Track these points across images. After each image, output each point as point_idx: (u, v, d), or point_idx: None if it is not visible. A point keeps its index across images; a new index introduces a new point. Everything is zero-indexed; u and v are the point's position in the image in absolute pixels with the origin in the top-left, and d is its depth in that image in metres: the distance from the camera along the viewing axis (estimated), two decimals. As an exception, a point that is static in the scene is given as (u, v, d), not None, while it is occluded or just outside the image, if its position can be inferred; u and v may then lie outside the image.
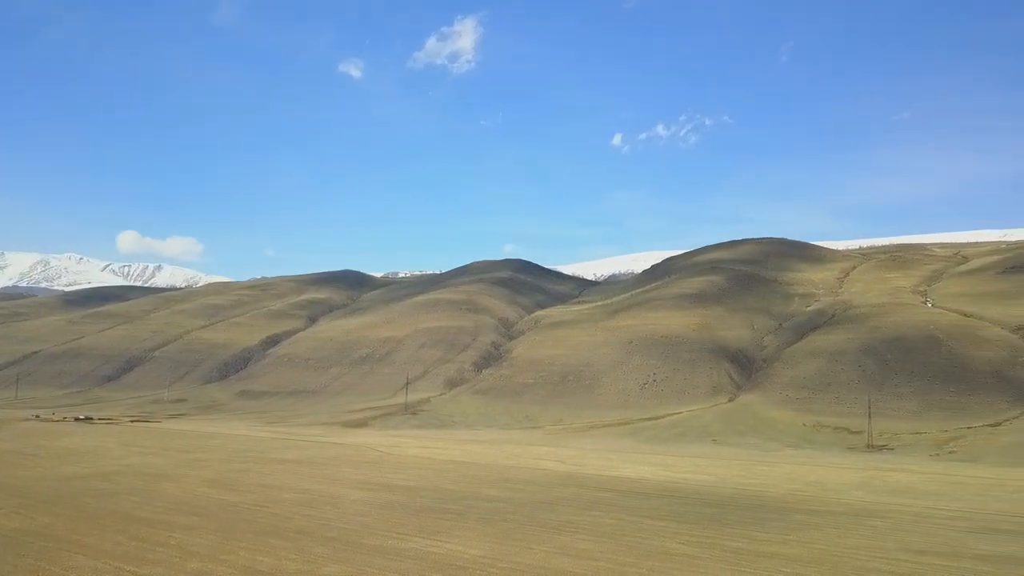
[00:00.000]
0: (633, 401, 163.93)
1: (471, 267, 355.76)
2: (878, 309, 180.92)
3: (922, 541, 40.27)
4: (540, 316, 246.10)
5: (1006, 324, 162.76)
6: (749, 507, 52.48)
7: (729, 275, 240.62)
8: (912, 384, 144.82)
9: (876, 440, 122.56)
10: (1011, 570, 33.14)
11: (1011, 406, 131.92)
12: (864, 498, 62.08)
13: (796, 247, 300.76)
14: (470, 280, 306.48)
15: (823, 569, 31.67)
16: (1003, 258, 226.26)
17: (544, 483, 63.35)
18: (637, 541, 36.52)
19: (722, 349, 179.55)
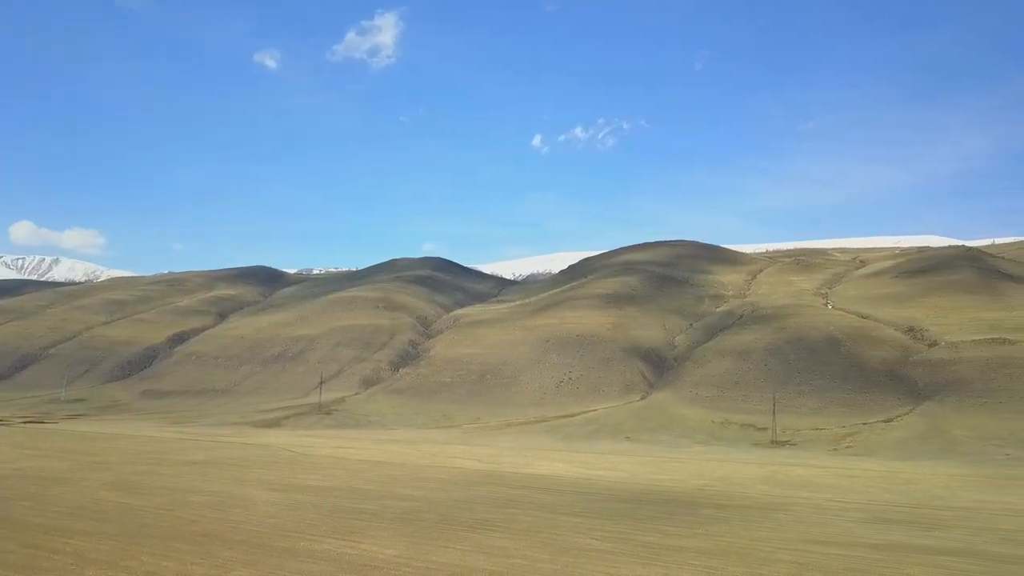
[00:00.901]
0: (549, 399, 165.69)
1: (389, 265, 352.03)
2: (783, 311, 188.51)
3: (821, 532, 42.19)
4: (459, 315, 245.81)
5: (899, 326, 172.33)
6: (661, 502, 53.84)
7: (643, 276, 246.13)
8: (813, 383, 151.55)
9: (780, 436, 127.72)
10: (900, 556, 35.10)
11: (902, 403, 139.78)
12: (768, 492, 64.62)
13: (707, 250, 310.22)
14: (388, 278, 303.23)
15: (730, 560, 32.77)
16: (897, 263, 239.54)
17: (460, 482, 63.31)
18: (552, 538, 36.93)
19: (636, 348, 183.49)
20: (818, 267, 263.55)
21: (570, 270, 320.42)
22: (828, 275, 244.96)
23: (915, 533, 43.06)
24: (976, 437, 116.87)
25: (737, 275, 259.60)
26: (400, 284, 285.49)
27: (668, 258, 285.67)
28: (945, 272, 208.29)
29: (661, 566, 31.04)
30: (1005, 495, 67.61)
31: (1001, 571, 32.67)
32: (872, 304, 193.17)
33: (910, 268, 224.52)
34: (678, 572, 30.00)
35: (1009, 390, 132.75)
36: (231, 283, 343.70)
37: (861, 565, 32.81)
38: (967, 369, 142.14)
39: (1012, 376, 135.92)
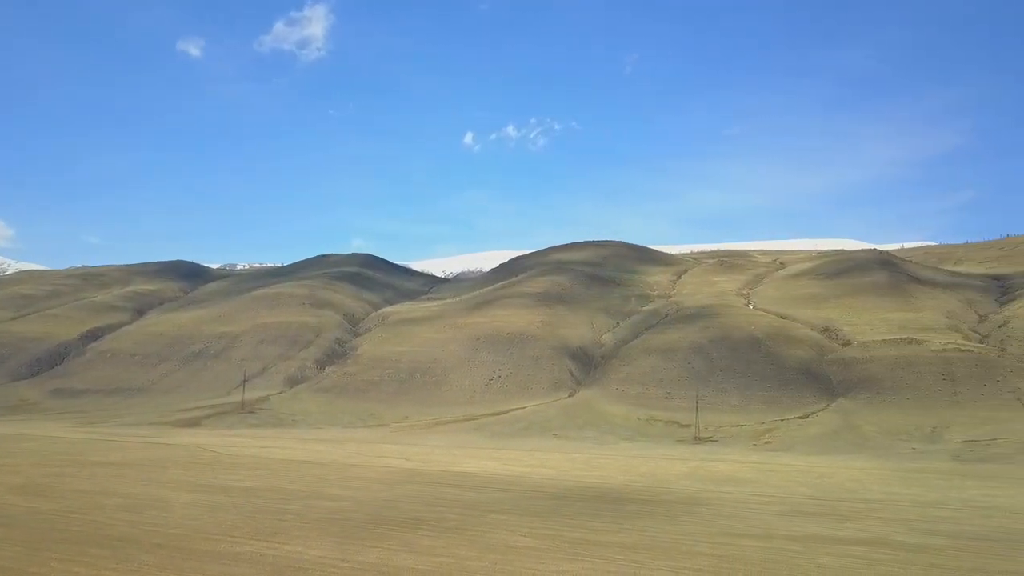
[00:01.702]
0: (479, 397, 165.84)
1: (317, 261, 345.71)
2: (706, 310, 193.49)
3: (740, 525, 43.50)
4: (388, 312, 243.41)
5: (815, 325, 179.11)
6: (588, 498, 54.55)
7: (573, 275, 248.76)
8: (735, 380, 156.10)
9: (703, 433, 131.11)
10: (814, 547, 36.52)
11: (818, 400, 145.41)
12: (691, 487, 66.24)
13: (635, 250, 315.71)
14: (315, 274, 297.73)
15: (654, 555, 33.45)
16: (814, 265, 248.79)
17: (388, 481, 62.76)
18: (480, 535, 36.99)
19: (564, 346, 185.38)
20: (740, 268, 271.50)
21: (501, 269, 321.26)
22: (750, 276, 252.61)
23: (829, 525, 44.85)
24: (885, 432, 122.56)
25: (663, 275, 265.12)
26: (328, 281, 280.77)
27: (597, 258, 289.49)
28: (858, 275, 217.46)
29: (587, 561, 31.47)
30: (911, 487, 71.09)
31: (907, 559, 34.34)
32: (791, 305, 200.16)
33: (826, 270, 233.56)
34: (604, 567, 30.45)
35: (915, 387, 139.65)
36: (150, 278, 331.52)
37: (778, 556, 33.97)
38: (877, 367, 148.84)
39: (918, 374, 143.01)
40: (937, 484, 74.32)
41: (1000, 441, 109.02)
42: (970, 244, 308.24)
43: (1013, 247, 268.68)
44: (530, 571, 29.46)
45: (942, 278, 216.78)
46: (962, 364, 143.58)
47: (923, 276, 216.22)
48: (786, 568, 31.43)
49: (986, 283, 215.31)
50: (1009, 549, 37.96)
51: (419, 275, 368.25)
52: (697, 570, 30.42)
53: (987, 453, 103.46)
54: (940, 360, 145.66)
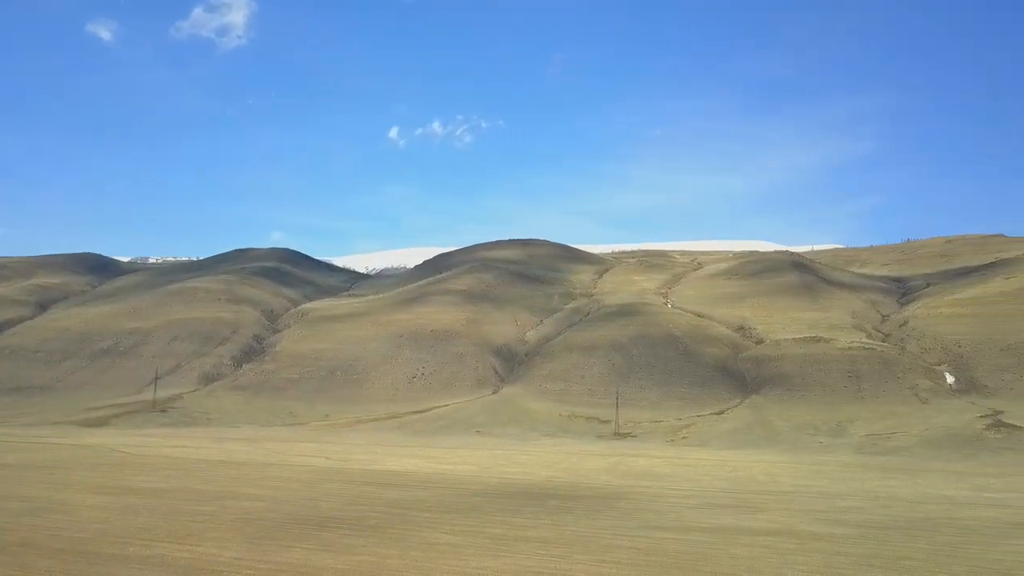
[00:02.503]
0: (402, 395, 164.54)
1: (234, 255, 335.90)
2: (627, 309, 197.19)
3: (658, 519, 44.55)
4: (308, 309, 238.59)
5: (730, 324, 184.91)
6: (510, 494, 54.86)
7: (497, 273, 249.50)
8: (653, 377, 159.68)
9: (622, 428, 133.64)
10: (728, 538, 37.74)
11: (732, 396, 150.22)
12: (611, 482, 67.45)
13: (559, 248, 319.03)
14: (232, 269, 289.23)
15: (574, 549, 33.92)
16: (730, 266, 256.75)
17: (307, 480, 61.62)
18: (401, 533, 36.74)
19: (489, 344, 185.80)
20: (660, 268, 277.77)
21: (425, 265, 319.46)
22: (669, 276, 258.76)
23: (741, 516, 46.41)
24: (794, 427, 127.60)
25: (586, 274, 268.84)
26: (245, 276, 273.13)
27: (522, 256, 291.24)
28: (772, 275, 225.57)
29: (509, 557, 31.66)
30: (818, 479, 74.26)
31: (814, 548, 35.86)
32: (708, 304, 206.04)
33: (741, 271, 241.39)
34: (525, 562, 30.70)
35: (823, 384, 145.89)
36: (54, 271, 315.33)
37: (693, 548, 34.95)
38: (788, 365, 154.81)
39: (825, 371, 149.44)
40: (842, 476, 77.87)
41: (899, 435, 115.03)
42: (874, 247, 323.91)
43: (913, 250, 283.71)
44: (451, 568, 29.44)
45: (848, 279, 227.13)
46: (866, 362, 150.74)
47: (831, 277, 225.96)
48: (701, 559, 32.37)
49: (888, 284, 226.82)
50: (906, 536, 40.10)
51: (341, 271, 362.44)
52: (616, 563, 31.00)
53: (887, 446, 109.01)
54: (846, 358, 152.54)
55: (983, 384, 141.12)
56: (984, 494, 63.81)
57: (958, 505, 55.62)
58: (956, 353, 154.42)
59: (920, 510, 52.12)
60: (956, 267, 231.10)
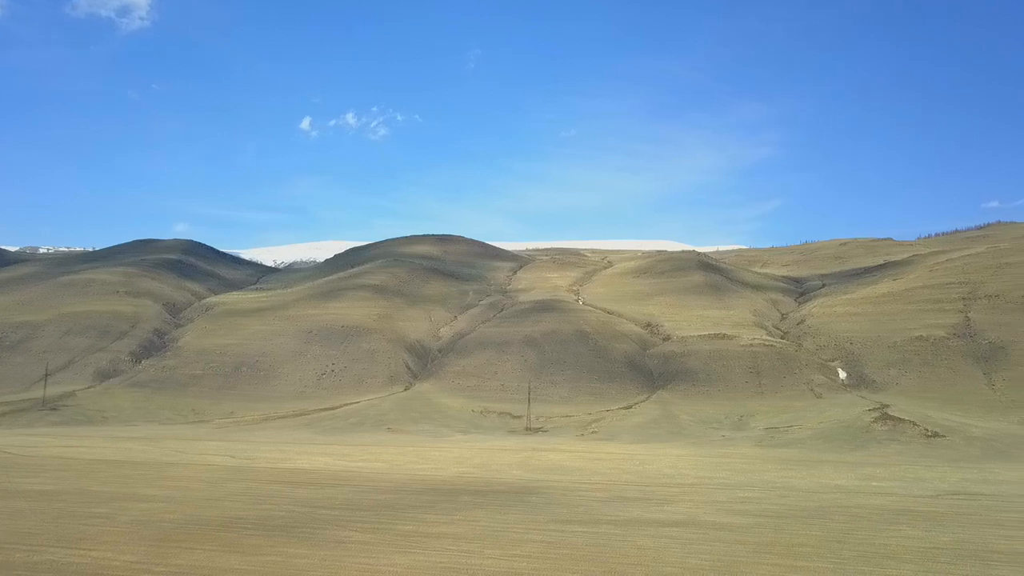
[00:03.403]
0: (311, 392, 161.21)
1: (134, 246, 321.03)
2: (540, 305, 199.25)
3: (568, 512, 45.24)
4: (213, 303, 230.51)
5: (638, 321, 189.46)
6: (421, 491, 54.60)
7: (412, 268, 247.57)
8: (565, 373, 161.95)
9: (534, 423, 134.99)
10: (635, 530, 38.70)
11: (640, 391, 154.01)
12: (523, 476, 68.03)
13: (473, 245, 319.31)
14: (132, 260, 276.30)
15: (486, 543, 34.07)
16: (639, 265, 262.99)
17: (210, 479, 59.61)
18: (310, 532, 36.05)
19: (401, 339, 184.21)
20: (572, 266, 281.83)
21: (337, 259, 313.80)
22: (581, 273, 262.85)
23: (648, 508, 47.66)
24: (699, 421, 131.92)
25: (501, 271, 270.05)
26: (146, 268, 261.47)
27: (437, 252, 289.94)
28: (679, 275, 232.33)
29: (420, 554, 31.53)
30: (720, 471, 76.99)
31: (716, 537, 37.20)
32: (617, 301, 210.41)
33: (650, 270, 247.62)
34: (436, 559, 30.64)
35: (726, 379, 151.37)
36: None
37: (601, 540, 35.68)
38: (693, 360, 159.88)
39: (728, 367, 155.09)
40: (743, 468, 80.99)
41: (796, 428, 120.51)
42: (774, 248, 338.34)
43: (810, 252, 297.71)
44: (361, 566, 29.09)
45: (751, 279, 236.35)
46: (766, 358, 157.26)
47: (735, 277, 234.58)
48: (609, 551, 33.07)
49: (787, 284, 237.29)
50: (801, 524, 42.09)
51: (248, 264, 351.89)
52: (527, 556, 31.32)
53: (785, 439, 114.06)
54: (748, 354, 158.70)
55: (872, 379, 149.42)
56: (872, 483, 67.64)
57: (848, 494, 58.75)
58: (848, 350, 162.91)
59: (814, 499, 54.79)
60: (849, 268, 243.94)
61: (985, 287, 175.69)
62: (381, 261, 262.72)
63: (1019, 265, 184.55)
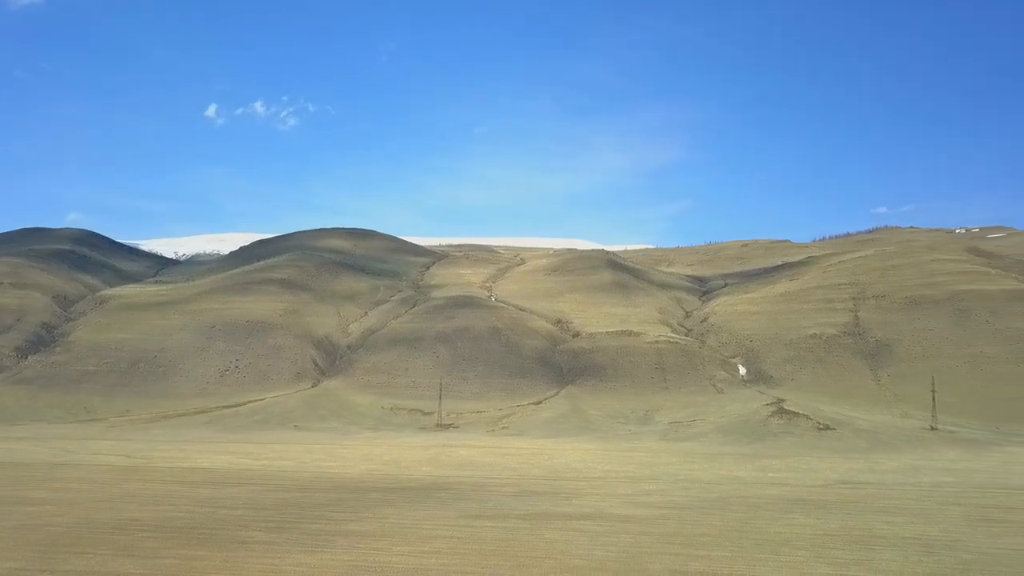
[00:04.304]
0: (213, 389, 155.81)
1: (20, 235, 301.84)
2: (452, 301, 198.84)
3: (477, 507, 45.42)
4: (108, 296, 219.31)
5: (549, 317, 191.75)
6: (328, 489, 53.67)
7: (321, 263, 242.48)
8: (476, 369, 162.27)
9: (445, 420, 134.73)
10: (543, 523, 39.22)
11: (550, 386, 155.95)
12: (433, 472, 67.84)
13: (386, 240, 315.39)
14: (18, 251, 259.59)
15: (395, 540, 33.83)
16: (550, 263, 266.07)
17: (103, 480, 56.87)
18: (210, 533, 34.90)
19: (309, 335, 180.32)
20: (485, 262, 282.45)
21: (243, 252, 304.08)
22: (493, 270, 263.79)
23: (556, 502, 48.37)
24: (606, 416, 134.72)
25: (412, 267, 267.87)
26: (34, 258, 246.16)
27: (348, 246, 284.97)
28: (588, 273, 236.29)
29: (327, 552, 31.02)
30: (626, 465, 78.89)
31: (622, 529, 38.11)
32: (529, 298, 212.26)
33: (561, 268, 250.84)
34: (344, 557, 30.21)
35: (632, 375, 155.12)
36: None
37: (510, 535, 35.99)
38: (601, 357, 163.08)
39: (634, 363, 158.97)
40: (647, 461, 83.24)
41: (698, 422, 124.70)
42: (680, 248, 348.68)
43: (714, 253, 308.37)
44: (265, 566, 28.39)
45: (657, 278, 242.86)
46: (670, 354, 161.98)
47: (642, 276, 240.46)
48: (517, 545, 33.39)
49: (692, 283, 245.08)
50: (703, 515, 43.62)
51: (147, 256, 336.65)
52: (436, 552, 31.26)
53: (688, 433, 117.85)
54: (653, 351, 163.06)
55: (769, 375, 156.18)
56: (768, 474, 70.75)
57: (747, 485, 61.26)
58: (748, 347, 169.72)
59: (715, 491, 56.87)
60: (750, 269, 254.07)
61: (873, 288, 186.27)
62: (289, 255, 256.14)
63: (904, 268, 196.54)
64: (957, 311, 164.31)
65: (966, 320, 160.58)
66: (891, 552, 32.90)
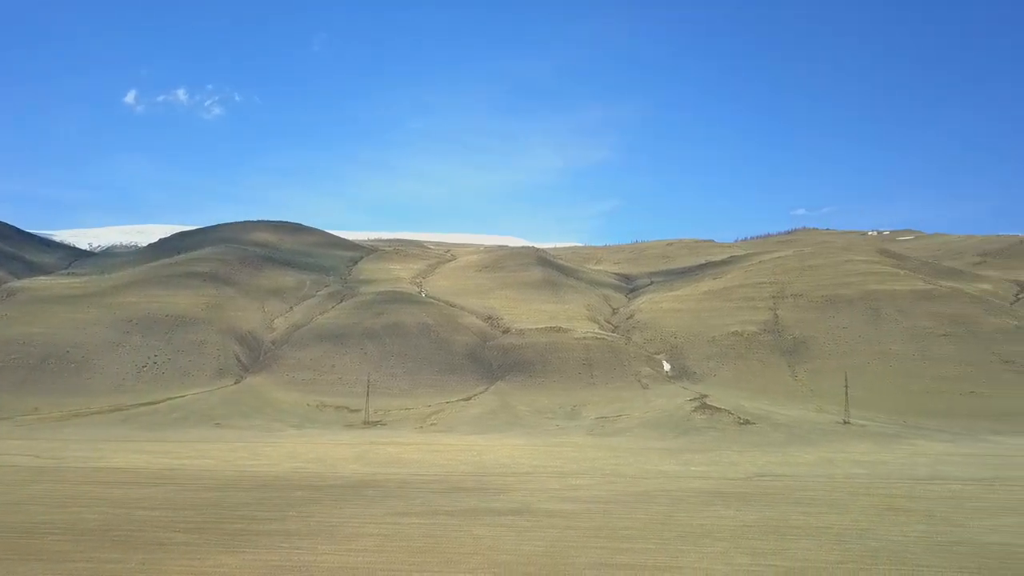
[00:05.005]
0: (130, 386, 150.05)
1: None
2: (381, 297, 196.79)
3: (405, 505, 45.16)
4: (15, 288, 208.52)
5: (480, 314, 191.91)
6: (251, 488, 52.48)
7: (245, 256, 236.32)
8: (405, 365, 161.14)
9: (372, 417, 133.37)
10: (471, 519, 39.28)
11: (479, 382, 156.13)
12: (360, 470, 67.11)
13: (312, 233, 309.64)
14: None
15: (320, 539, 33.35)
16: (481, 259, 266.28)
17: (10, 481, 54.19)
18: (126, 535, 33.69)
19: (232, 330, 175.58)
20: (415, 257, 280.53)
21: (163, 244, 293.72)
22: (424, 265, 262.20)
23: (484, 498, 48.50)
24: (534, 411, 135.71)
25: (340, 261, 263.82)
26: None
27: (273, 239, 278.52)
28: (519, 269, 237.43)
29: (249, 552, 30.34)
30: (554, 460, 79.71)
31: (549, 524, 38.50)
32: (459, 294, 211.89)
33: (492, 264, 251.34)
34: (266, 557, 29.62)
35: (560, 371, 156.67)
36: None
37: (438, 531, 35.92)
38: (530, 353, 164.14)
39: (562, 359, 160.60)
40: (575, 456, 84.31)
41: (624, 417, 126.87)
42: (608, 247, 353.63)
43: (640, 251, 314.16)
44: (183, 568, 27.58)
45: (586, 276, 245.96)
46: (598, 351, 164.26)
47: (571, 273, 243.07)
48: (445, 541, 33.35)
49: (619, 281, 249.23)
50: (628, 508, 44.47)
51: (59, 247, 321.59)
52: (362, 551, 30.96)
53: (614, 428, 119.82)
54: (581, 347, 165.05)
55: (693, 371, 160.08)
56: (691, 468, 72.61)
57: (671, 479, 62.72)
58: (672, 344, 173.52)
59: (640, 484, 58.03)
60: (675, 267, 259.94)
61: (791, 287, 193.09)
62: (213, 248, 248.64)
63: (820, 268, 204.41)
64: (869, 310, 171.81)
65: (877, 318, 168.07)
66: (806, 541, 34.23)
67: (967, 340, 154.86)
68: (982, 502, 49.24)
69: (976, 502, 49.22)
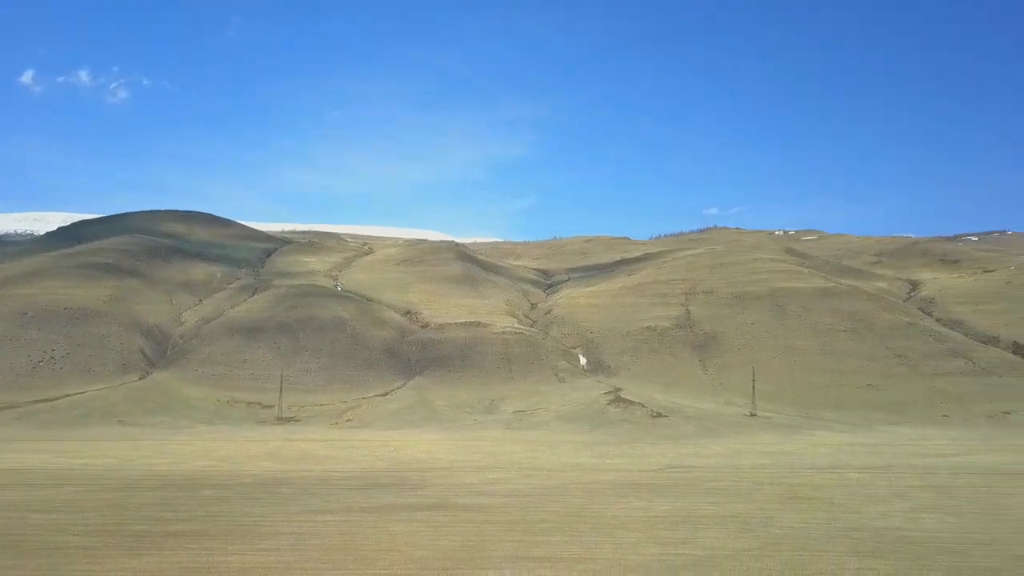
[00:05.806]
0: (24, 381, 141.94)
1: None
2: (295, 290, 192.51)
3: (319, 502, 44.41)
4: None
5: (398, 308, 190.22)
6: (157, 487, 50.61)
7: (151, 246, 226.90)
8: (320, 360, 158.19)
9: (285, 413, 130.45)
10: (387, 516, 38.98)
11: (397, 377, 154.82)
12: (272, 467, 65.57)
13: (223, 224, 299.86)
14: None
15: (230, 539, 32.46)
16: (400, 253, 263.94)
17: None
18: (20, 539, 31.95)
19: (137, 324, 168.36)
20: (331, 250, 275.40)
21: (61, 233, 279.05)
22: (340, 259, 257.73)
23: (401, 494, 48.19)
24: (452, 406, 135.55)
25: (253, 253, 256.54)
26: None
27: (181, 229, 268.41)
28: (438, 264, 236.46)
29: (154, 555, 29.24)
30: (471, 454, 79.88)
31: (466, 518, 38.57)
32: (377, 288, 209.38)
33: (411, 258, 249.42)
34: (173, 559, 28.61)
35: (479, 365, 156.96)
36: None
37: (354, 528, 35.49)
38: (449, 347, 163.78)
39: (482, 353, 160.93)
40: (492, 450, 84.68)
41: (541, 410, 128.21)
42: (527, 243, 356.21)
43: (558, 247, 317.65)
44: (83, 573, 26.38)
45: (505, 271, 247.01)
46: (516, 345, 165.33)
47: (490, 268, 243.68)
48: (361, 538, 32.99)
49: (538, 276, 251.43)
50: (544, 501, 44.99)
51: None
52: (275, 550, 30.29)
53: (531, 421, 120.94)
54: (500, 341, 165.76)
55: (608, 365, 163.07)
56: (606, 460, 74.05)
57: (586, 471, 63.80)
58: (588, 338, 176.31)
59: (556, 477, 58.81)
60: (591, 264, 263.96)
61: (702, 284, 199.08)
62: (116, 237, 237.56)
63: (730, 265, 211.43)
64: (775, 306, 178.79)
65: (782, 315, 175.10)
66: (714, 530, 35.44)
67: (864, 336, 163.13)
68: (876, 489, 52.10)
69: (871, 489, 52.04)
